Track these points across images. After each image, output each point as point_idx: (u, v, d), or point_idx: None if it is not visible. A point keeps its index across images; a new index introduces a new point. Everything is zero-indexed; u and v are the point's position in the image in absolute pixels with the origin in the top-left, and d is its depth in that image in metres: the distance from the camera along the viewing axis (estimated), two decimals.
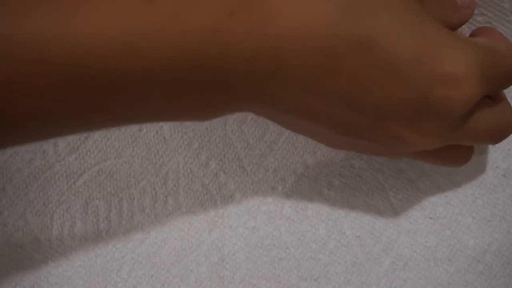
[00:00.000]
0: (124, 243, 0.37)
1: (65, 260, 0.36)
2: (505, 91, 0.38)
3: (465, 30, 0.38)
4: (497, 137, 0.33)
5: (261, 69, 0.26)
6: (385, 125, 0.28)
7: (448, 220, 0.37)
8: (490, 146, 0.38)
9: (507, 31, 0.38)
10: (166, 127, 0.38)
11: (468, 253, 0.36)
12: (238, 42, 0.25)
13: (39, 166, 0.37)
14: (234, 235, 0.37)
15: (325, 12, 0.25)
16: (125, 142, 0.37)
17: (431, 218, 0.37)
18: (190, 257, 0.37)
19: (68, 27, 0.23)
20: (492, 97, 0.32)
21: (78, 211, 0.37)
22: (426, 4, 0.30)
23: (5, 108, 0.23)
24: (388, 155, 0.34)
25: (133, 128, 0.37)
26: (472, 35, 0.33)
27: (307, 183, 0.37)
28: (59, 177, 0.37)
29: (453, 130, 0.30)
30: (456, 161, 0.34)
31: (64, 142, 0.37)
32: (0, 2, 0.23)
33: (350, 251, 0.37)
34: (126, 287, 0.36)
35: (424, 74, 0.27)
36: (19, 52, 0.23)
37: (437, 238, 0.37)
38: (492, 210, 0.37)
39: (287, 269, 0.36)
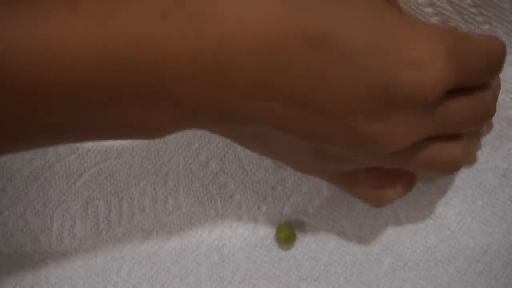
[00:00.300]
0: (124, 243, 0.37)
1: (65, 260, 0.36)
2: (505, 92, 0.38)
3: (465, 29, 0.38)
4: (478, 124, 0.31)
5: (202, 75, 0.24)
6: (352, 123, 0.26)
7: (448, 220, 0.37)
8: (490, 147, 0.38)
9: (507, 31, 0.38)
10: None
11: (468, 253, 0.36)
12: (172, 46, 0.24)
13: (39, 166, 0.37)
14: (234, 235, 0.37)
15: (270, 9, 0.24)
16: (125, 142, 0.37)
17: (430, 218, 0.37)
18: (190, 257, 0.37)
19: None
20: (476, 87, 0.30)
21: (78, 211, 0.37)
22: None
23: None
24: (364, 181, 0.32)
25: None
26: None
27: (307, 183, 0.37)
28: (59, 177, 0.37)
29: (426, 120, 0.27)
30: (446, 165, 0.31)
31: None
32: None
33: (350, 251, 0.37)
34: (126, 287, 0.36)
35: (385, 61, 0.25)
36: None
37: (437, 238, 0.37)
38: (492, 211, 0.37)
39: (287, 269, 0.36)
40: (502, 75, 0.38)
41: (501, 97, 0.38)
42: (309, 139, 0.27)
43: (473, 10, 0.37)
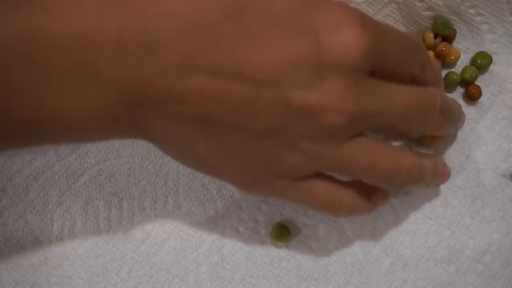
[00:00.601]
0: (124, 243, 0.37)
1: (65, 260, 0.36)
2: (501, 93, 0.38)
3: (464, 30, 0.38)
4: (421, 121, 0.30)
5: (128, 54, 0.25)
6: (287, 92, 0.26)
7: (448, 220, 0.37)
8: (490, 147, 0.38)
9: (505, 31, 0.38)
10: None
11: (467, 253, 0.36)
12: (97, 25, 0.24)
13: (39, 166, 0.37)
14: (234, 235, 0.37)
15: None
16: (125, 142, 0.37)
17: (430, 218, 0.37)
18: (190, 257, 0.36)
19: None
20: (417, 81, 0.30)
21: (78, 211, 0.37)
22: None
23: None
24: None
25: None
26: None
27: None
28: (59, 177, 0.37)
29: (359, 91, 0.27)
30: (391, 171, 0.30)
31: None
32: None
33: (350, 251, 0.37)
34: (126, 287, 0.36)
35: (305, 26, 0.26)
36: None
37: (437, 238, 0.37)
38: (492, 211, 0.37)
39: (287, 269, 0.36)
40: (502, 75, 0.38)
41: (501, 97, 0.38)
42: (245, 117, 0.26)
43: (471, 10, 0.37)
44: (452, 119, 0.33)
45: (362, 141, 0.29)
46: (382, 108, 0.28)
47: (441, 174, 0.34)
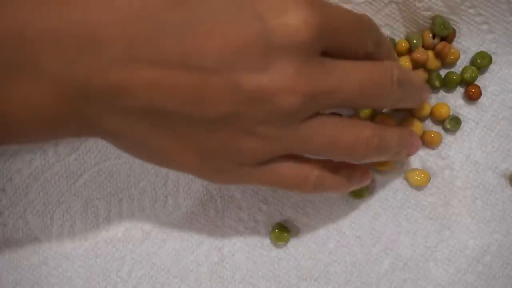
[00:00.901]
0: (124, 243, 0.37)
1: (65, 260, 0.36)
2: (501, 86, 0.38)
3: (464, 30, 0.38)
4: (380, 100, 0.29)
5: (67, 48, 0.24)
6: (236, 78, 0.25)
7: (448, 220, 0.37)
8: (490, 147, 0.38)
9: (505, 31, 0.38)
10: None
11: (467, 253, 0.36)
12: (37, 21, 0.24)
13: (39, 166, 0.37)
14: (234, 235, 0.37)
15: None
16: None
17: (430, 218, 0.37)
18: (190, 257, 0.36)
19: None
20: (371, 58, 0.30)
21: (78, 211, 0.37)
22: None
23: None
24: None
25: None
26: None
27: None
28: (59, 177, 0.37)
29: (312, 72, 0.26)
30: (351, 145, 0.29)
31: (64, 142, 0.37)
32: None
33: (350, 251, 0.37)
34: (126, 287, 0.36)
35: (250, 11, 0.25)
36: None
37: (437, 238, 0.37)
38: (492, 211, 0.37)
39: (287, 269, 0.36)
40: (502, 75, 0.38)
41: (501, 97, 0.38)
42: (197, 107, 0.26)
43: (471, 10, 0.37)
44: (413, 92, 0.32)
45: (319, 119, 0.28)
46: (336, 86, 0.27)
47: (408, 144, 0.33)
